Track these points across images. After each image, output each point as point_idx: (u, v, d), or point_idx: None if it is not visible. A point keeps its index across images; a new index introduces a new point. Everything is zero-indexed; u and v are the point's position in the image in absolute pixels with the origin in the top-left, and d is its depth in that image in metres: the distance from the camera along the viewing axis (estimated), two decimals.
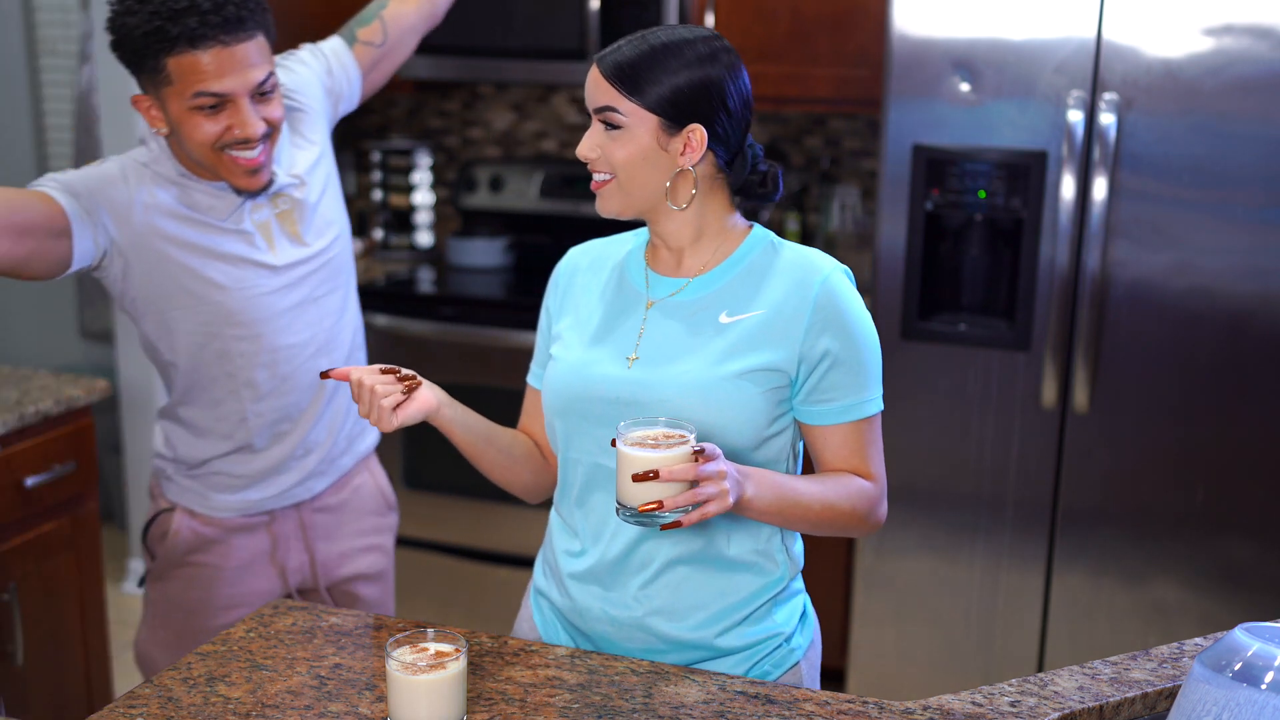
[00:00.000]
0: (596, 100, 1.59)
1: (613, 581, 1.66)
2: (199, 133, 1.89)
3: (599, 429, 1.63)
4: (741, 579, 1.65)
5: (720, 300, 1.64)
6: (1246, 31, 2.67)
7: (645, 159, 1.59)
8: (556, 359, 1.70)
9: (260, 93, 1.90)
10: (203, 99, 1.87)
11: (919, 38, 2.87)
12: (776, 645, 1.70)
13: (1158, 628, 2.93)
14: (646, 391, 1.60)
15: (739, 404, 1.58)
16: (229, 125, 1.89)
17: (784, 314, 1.60)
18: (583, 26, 3.50)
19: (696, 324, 1.63)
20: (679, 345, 1.62)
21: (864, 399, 1.63)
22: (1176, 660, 1.66)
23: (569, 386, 1.66)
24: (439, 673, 1.44)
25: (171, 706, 1.52)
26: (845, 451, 1.64)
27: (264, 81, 1.90)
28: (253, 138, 1.89)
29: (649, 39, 1.59)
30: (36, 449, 2.65)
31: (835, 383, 1.61)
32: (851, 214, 3.78)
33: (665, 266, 1.69)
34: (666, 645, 1.66)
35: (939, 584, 3.07)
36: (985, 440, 2.96)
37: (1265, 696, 1.16)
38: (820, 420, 1.63)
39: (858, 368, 1.61)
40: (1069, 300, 2.86)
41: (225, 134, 1.89)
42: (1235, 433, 2.82)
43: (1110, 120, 2.75)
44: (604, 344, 1.66)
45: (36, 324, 4.76)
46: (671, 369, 1.61)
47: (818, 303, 1.59)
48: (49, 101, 4.63)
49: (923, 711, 1.54)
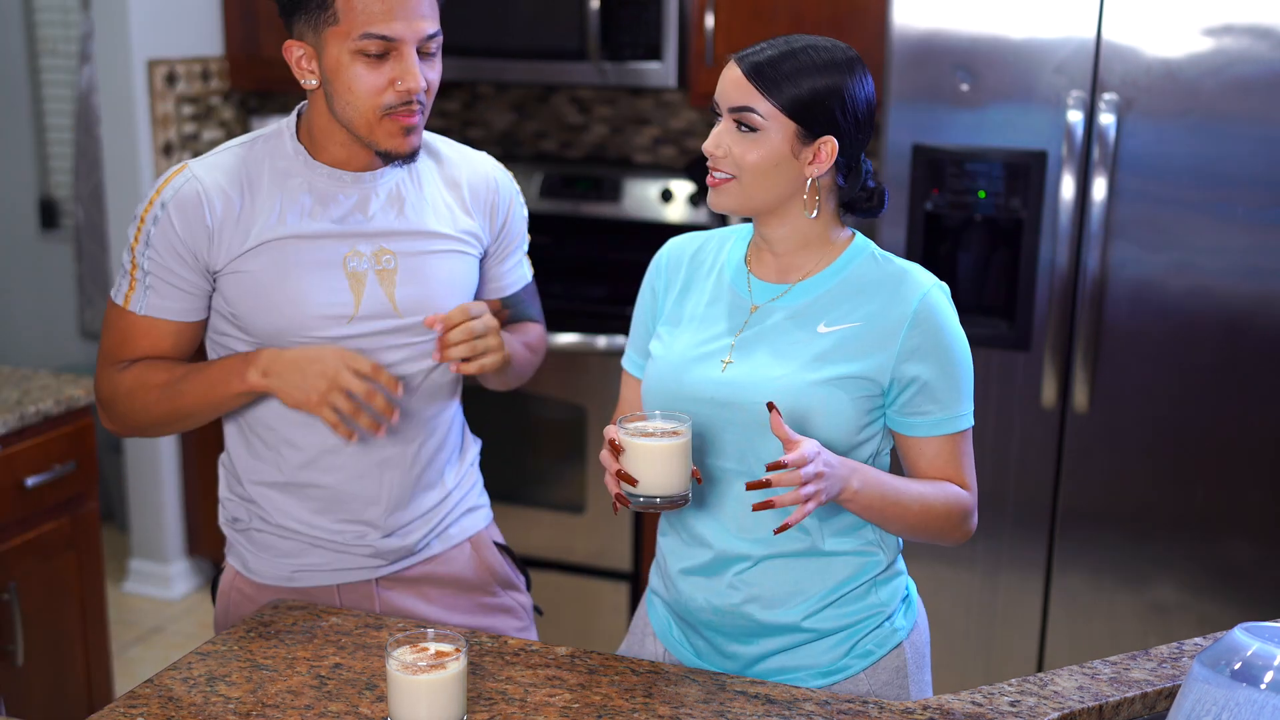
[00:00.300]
0: (733, 99, 1.60)
1: (713, 571, 1.69)
2: (362, 84, 1.70)
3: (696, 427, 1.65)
4: (839, 564, 1.68)
5: (819, 309, 1.65)
6: (1246, 31, 2.67)
7: (776, 165, 1.60)
8: (655, 357, 1.73)
9: (427, 49, 1.73)
10: (369, 42, 1.68)
11: (919, 38, 2.87)
12: (877, 624, 1.71)
13: (1157, 628, 2.93)
14: (739, 393, 1.63)
15: (829, 410, 1.61)
16: (392, 79, 1.70)
17: (879, 328, 1.62)
18: (583, 26, 3.50)
19: (794, 331, 1.65)
20: (775, 351, 1.64)
21: (956, 414, 1.66)
22: (1176, 660, 1.66)
23: (665, 386, 1.69)
24: (439, 673, 1.44)
25: (171, 706, 1.52)
26: (939, 463, 1.67)
27: (432, 36, 1.72)
28: (415, 91, 1.71)
29: (790, 42, 1.60)
30: (37, 449, 2.65)
31: (927, 400, 1.64)
32: None
33: (767, 271, 1.70)
34: (761, 629, 1.68)
35: (939, 584, 3.07)
36: (985, 440, 2.96)
37: (1265, 696, 1.16)
38: (913, 432, 1.66)
39: (950, 387, 1.64)
40: (1069, 300, 2.86)
41: (387, 89, 1.71)
42: (1235, 433, 2.82)
43: (1110, 120, 2.75)
44: (702, 344, 1.69)
45: (36, 324, 4.76)
46: (765, 373, 1.63)
47: (914, 322, 1.62)
48: (49, 101, 4.63)
49: (923, 711, 1.54)
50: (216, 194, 1.76)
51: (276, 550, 1.90)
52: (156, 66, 3.76)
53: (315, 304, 1.78)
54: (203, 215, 1.76)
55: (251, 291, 1.78)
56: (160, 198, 1.77)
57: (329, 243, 1.79)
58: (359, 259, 1.80)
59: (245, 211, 1.77)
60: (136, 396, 1.80)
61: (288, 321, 1.78)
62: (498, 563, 2.05)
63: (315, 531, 1.88)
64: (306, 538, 1.88)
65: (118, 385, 1.82)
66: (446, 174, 1.91)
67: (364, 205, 1.82)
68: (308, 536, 1.88)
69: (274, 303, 1.78)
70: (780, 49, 1.59)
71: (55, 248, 4.69)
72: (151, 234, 1.76)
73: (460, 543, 2.01)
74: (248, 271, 1.78)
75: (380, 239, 1.82)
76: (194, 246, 1.76)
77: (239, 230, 1.77)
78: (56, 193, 4.71)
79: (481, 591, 2.03)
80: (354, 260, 1.80)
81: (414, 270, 1.83)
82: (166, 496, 3.95)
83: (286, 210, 1.79)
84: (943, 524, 1.65)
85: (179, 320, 1.80)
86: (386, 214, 1.83)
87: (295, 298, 1.77)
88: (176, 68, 3.84)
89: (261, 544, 1.91)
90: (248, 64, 3.99)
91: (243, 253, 1.77)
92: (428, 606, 1.96)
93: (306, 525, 1.88)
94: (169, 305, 1.79)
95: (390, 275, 1.82)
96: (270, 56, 3.96)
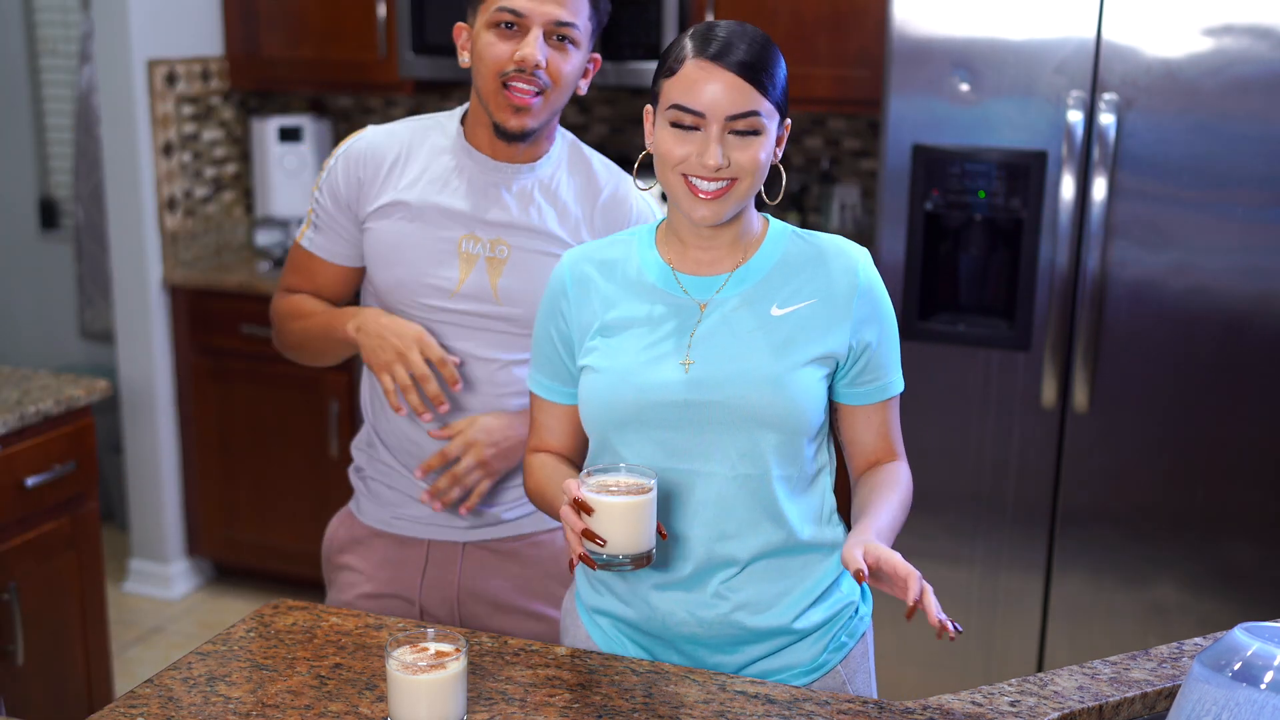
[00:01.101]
0: (738, 105, 1.55)
1: (694, 584, 1.65)
2: (489, 51, 1.87)
3: (662, 432, 1.62)
4: (813, 559, 1.68)
5: (767, 292, 1.64)
6: (1246, 31, 2.67)
7: (768, 158, 1.60)
8: (597, 369, 1.65)
9: (559, 36, 1.87)
10: (502, 14, 1.85)
11: (919, 38, 2.87)
12: (849, 616, 1.72)
13: (1157, 628, 2.93)
14: (712, 391, 1.60)
15: (810, 393, 1.61)
16: (513, 50, 1.86)
17: (832, 302, 1.63)
18: None
19: (747, 320, 1.63)
20: (735, 342, 1.62)
21: (893, 379, 1.69)
22: (1176, 660, 1.66)
23: (621, 394, 1.62)
24: (439, 673, 1.44)
25: (171, 706, 1.52)
26: (882, 431, 1.70)
27: (565, 25, 1.87)
28: (529, 60, 1.85)
29: (746, 32, 1.58)
30: (37, 449, 2.65)
31: (873, 366, 1.66)
32: (851, 214, 3.77)
33: (698, 266, 1.67)
34: (750, 636, 1.66)
35: (939, 584, 3.05)
36: (985, 440, 2.96)
37: (1265, 696, 1.16)
38: (860, 401, 1.68)
39: (889, 352, 1.68)
40: (1069, 300, 2.86)
41: (508, 60, 1.86)
42: (1234, 432, 2.82)
43: (1110, 120, 2.75)
44: (651, 348, 1.63)
45: (36, 324, 4.76)
46: (734, 366, 1.60)
47: (861, 291, 1.64)
48: (49, 101, 4.63)
49: (923, 711, 1.54)
50: (375, 153, 1.99)
51: (381, 498, 2.09)
52: (156, 66, 3.76)
53: (422, 271, 1.96)
54: (362, 168, 1.99)
55: (376, 246, 1.98)
56: (337, 151, 2.02)
57: (451, 220, 1.96)
58: (474, 243, 1.96)
59: (395, 173, 1.98)
60: (284, 323, 2.09)
61: (397, 282, 1.97)
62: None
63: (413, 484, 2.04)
64: (404, 491, 2.06)
65: (277, 308, 2.11)
66: (585, 187, 2.03)
67: (497, 194, 1.97)
68: (405, 490, 2.06)
69: (391, 260, 1.97)
70: (746, 41, 1.56)
71: (55, 248, 4.69)
72: (324, 182, 2.02)
73: (555, 530, 2.10)
74: (378, 226, 1.98)
75: (501, 229, 1.96)
76: (349, 195, 1.99)
77: (383, 187, 1.98)
78: (56, 193, 4.71)
79: (560, 583, 2.11)
80: (469, 243, 1.96)
81: (524, 265, 1.96)
82: (166, 496, 3.95)
83: (428, 181, 1.97)
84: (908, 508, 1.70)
85: (334, 262, 2.04)
86: (514, 208, 1.97)
87: (407, 260, 1.96)
88: (176, 68, 3.84)
89: (374, 491, 2.10)
90: (248, 64, 3.99)
91: (379, 207, 1.98)
92: (503, 582, 2.08)
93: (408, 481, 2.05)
94: (328, 246, 2.03)
95: (500, 264, 1.97)
96: (270, 56, 3.96)
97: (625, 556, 1.53)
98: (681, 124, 1.57)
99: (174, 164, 3.87)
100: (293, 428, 3.81)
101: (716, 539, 1.63)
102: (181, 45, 3.86)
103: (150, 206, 3.81)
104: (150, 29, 3.74)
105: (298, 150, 4.06)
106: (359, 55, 3.84)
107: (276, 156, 4.05)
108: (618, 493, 1.52)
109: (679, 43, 1.59)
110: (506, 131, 1.91)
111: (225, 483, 3.97)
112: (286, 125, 4.06)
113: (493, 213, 1.96)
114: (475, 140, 1.97)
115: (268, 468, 3.90)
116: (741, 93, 1.54)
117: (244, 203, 4.24)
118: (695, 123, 1.56)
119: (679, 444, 1.62)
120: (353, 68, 3.84)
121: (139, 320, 3.86)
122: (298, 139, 4.06)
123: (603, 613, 1.73)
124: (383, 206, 1.97)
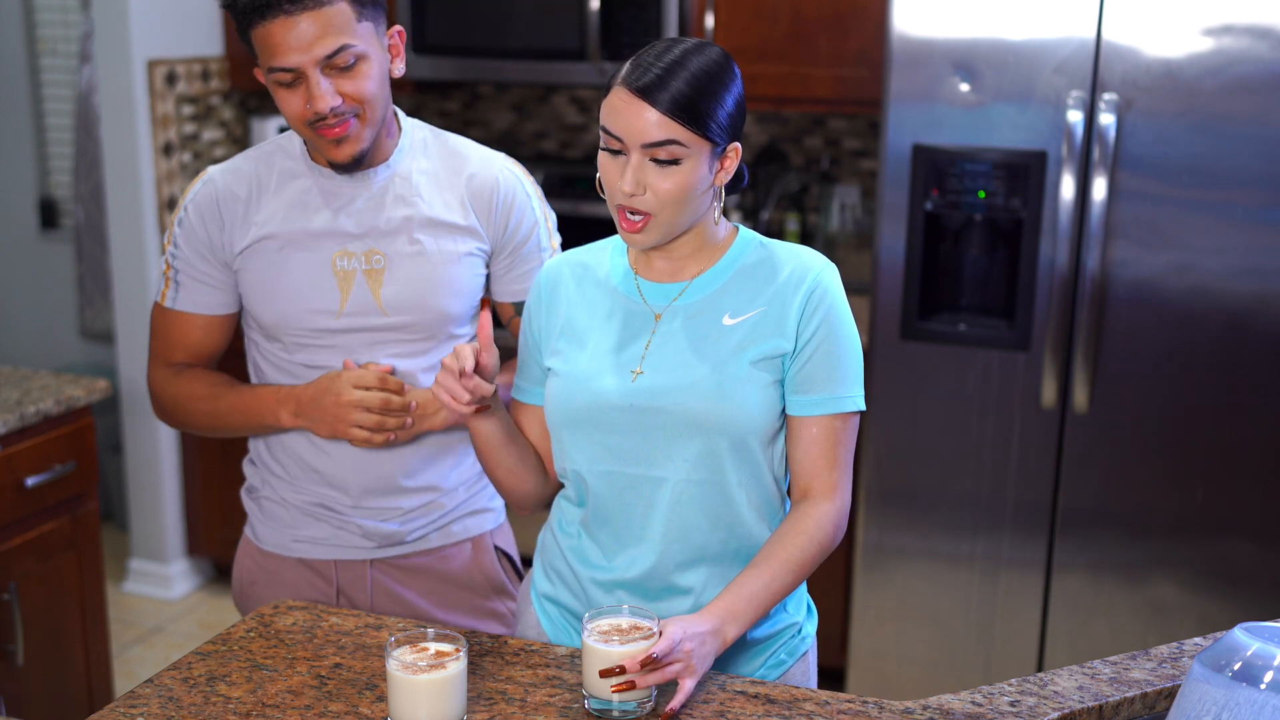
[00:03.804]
0: (652, 135, 1.53)
1: (639, 587, 1.68)
2: (286, 107, 1.80)
3: (610, 436, 1.65)
4: None
5: (720, 303, 1.65)
6: (1246, 31, 2.67)
7: (696, 187, 1.58)
8: (557, 372, 1.70)
9: (337, 65, 1.77)
10: (276, 74, 1.78)
11: (919, 38, 2.87)
12: (791, 635, 1.73)
13: (1157, 628, 2.93)
14: (656, 398, 1.62)
15: (755, 396, 1.61)
16: (304, 101, 1.78)
17: (778, 309, 1.63)
18: (583, 26, 3.50)
19: (701, 329, 1.64)
20: (686, 352, 1.64)
21: (840, 395, 1.64)
22: (1176, 660, 1.66)
23: (575, 397, 1.66)
24: (439, 673, 1.44)
25: (171, 706, 1.52)
26: (814, 450, 1.65)
27: (336, 53, 1.75)
28: (322, 111, 1.77)
29: (685, 64, 1.54)
30: (37, 449, 2.65)
31: (815, 372, 1.63)
32: (851, 214, 3.77)
33: (659, 274, 1.69)
34: None
35: (939, 584, 3.07)
36: (985, 440, 2.96)
37: (1265, 696, 1.16)
38: (799, 410, 1.64)
39: (836, 360, 1.63)
40: (1069, 300, 2.86)
41: (307, 112, 1.79)
42: (1235, 433, 2.82)
43: (1110, 120, 2.75)
44: (606, 355, 1.67)
45: (36, 324, 4.76)
46: (682, 375, 1.62)
47: (806, 298, 1.63)
48: (49, 101, 4.63)
49: (923, 711, 1.54)
50: (228, 194, 1.92)
51: (280, 520, 2.02)
52: (156, 66, 3.76)
53: (303, 298, 1.90)
54: (217, 213, 1.91)
55: (252, 284, 1.92)
56: (184, 202, 1.95)
57: (319, 241, 1.90)
58: (348, 259, 1.90)
59: (252, 209, 1.91)
60: (181, 406, 1.98)
61: (281, 314, 1.91)
62: (493, 567, 2.09)
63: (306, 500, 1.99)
64: (300, 509, 1.99)
65: (165, 389, 1.99)
66: (446, 173, 1.94)
67: (359, 205, 1.90)
68: (300, 507, 1.99)
69: (269, 295, 1.91)
70: (680, 75, 1.53)
71: (55, 248, 4.69)
72: (178, 236, 1.95)
73: (462, 541, 2.05)
74: (250, 265, 1.92)
75: (371, 239, 1.90)
76: (211, 241, 1.92)
77: (245, 226, 1.91)
78: (56, 193, 4.71)
79: (473, 593, 2.07)
80: (343, 260, 1.90)
81: (403, 271, 1.90)
82: (166, 496, 3.95)
83: (287, 209, 1.91)
84: (818, 559, 1.65)
85: (209, 314, 1.96)
86: (380, 213, 1.90)
87: (285, 292, 1.90)
88: (176, 68, 3.84)
89: (268, 512, 2.03)
90: (248, 64, 3.99)
91: (246, 246, 1.91)
92: (416, 598, 2.02)
93: (300, 494, 1.99)
94: (198, 299, 1.95)
95: (378, 275, 1.90)
96: None
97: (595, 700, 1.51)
98: (609, 147, 1.58)
99: (174, 164, 3.87)
100: None
101: (667, 543, 1.65)
102: (181, 45, 3.86)
103: (150, 206, 3.81)
104: (150, 29, 3.74)
105: None
106: None
107: None
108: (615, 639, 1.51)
109: (625, 63, 1.59)
110: (342, 165, 1.86)
111: (225, 483, 3.96)
112: (286, 125, 4.06)
113: (358, 222, 1.89)
114: (319, 158, 1.91)
115: None
116: (660, 125, 1.53)
117: None
118: (619, 147, 1.56)
119: (628, 449, 1.65)
120: None
121: (139, 320, 3.86)
122: None
123: (553, 601, 1.78)
124: (251, 245, 1.90)
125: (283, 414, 1.90)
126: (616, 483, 1.66)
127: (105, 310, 4.43)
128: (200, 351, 1.99)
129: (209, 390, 1.96)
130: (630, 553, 1.68)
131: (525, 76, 3.65)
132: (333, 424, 1.87)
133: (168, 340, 1.98)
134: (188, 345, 1.98)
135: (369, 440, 1.86)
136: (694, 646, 1.51)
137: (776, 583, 1.61)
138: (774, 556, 1.62)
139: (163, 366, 1.99)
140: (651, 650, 1.47)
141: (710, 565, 1.67)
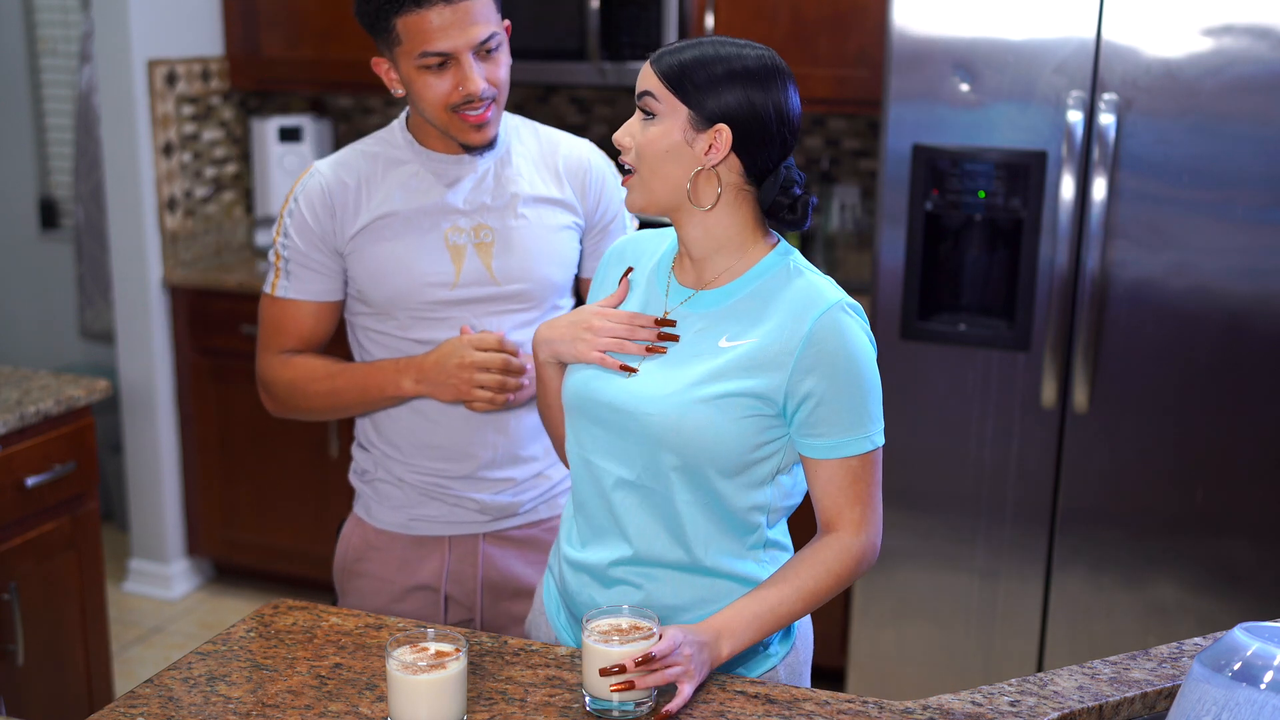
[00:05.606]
0: (639, 86, 1.61)
1: (607, 573, 1.69)
2: (431, 92, 1.91)
3: (594, 427, 1.67)
4: (722, 587, 1.66)
5: (724, 322, 1.63)
6: (1246, 31, 2.67)
7: (669, 151, 1.58)
8: None
9: (485, 50, 1.91)
10: (428, 59, 1.89)
11: (919, 38, 2.87)
12: (755, 651, 1.70)
13: (1157, 628, 2.93)
14: (636, 403, 1.62)
15: (720, 426, 1.58)
16: (455, 84, 1.91)
17: (775, 345, 1.59)
18: (583, 26, 3.50)
19: (697, 345, 1.64)
20: (673, 362, 1.64)
21: (853, 438, 1.61)
22: (1176, 660, 1.66)
23: (579, 384, 1.69)
24: (439, 673, 1.44)
25: (171, 706, 1.53)
26: (832, 489, 1.63)
27: (487, 39, 1.90)
28: (475, 93, 1.90)
29: (705, 42, 1.60)
30: (37, 449, 2.65)
31: (823, 419, 1.59)
32: (851, 214, 3.77)
33: (685, 275, 1.69)
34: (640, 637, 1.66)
35: (938, 584, 3.07)
36: (985, 440, 2.96)
37: (1265, 696, 1.16)
38: (811, 453, 1.62)
39: (846, 408, 1.59)
40: (1068, 300, 2.86)
41: (453, 94, 1.91)
42: (1234, 433, 2.82)
43: (1110, 120, 2.75)
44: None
45: (36, 324, 4.76)
46: (662, 384, 1.62)
47: (810, 338, 1.57)
48: (49, 101, 4.63)
49: (923, 711, 1.54)
50: (336, 184, 2.01)
51: (392, 500, 2.10)
52: (156, 66, 3.76)
53: (419, 273, 1.99)
54: (328, 203, 2.00)
55: (367, 264, 2.00)
56: (293, 194, 2.03)
57: (431, 218, 2.00)
58: (458, 233, 2.01)
59: (363, 196, 2.01)
60: (298, 389, 2.05)
61: (396, 290, 2.00)
62: None
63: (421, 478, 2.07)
64: (416, 487, 2.08)
65: (279, 375, 2.07)
66: (542, 154, 2.09)
67: (465, 184, 2.02)
68: (416, 485, 2.07)
69: (385, 273, 2.00)
70: (693, 48, 1.59)
71: (55, 248, 4.69)
72: (288, 226, 2.03)
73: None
74: (364, 247, 2.00)
75: (480, 215, 2.02)
76: (322, 229, 2.01)
77: (356, 212, 2.01)
78: (56, 193, 4.71)
79: None
80: (454, 235, 2.01)
81: (509, 243, 2.02)
82: (166, 496, 3.96)
83: (400, 191, 2.01)
84: (835, 590, 1.64)
85: (317, 300, 2.04)
86: (485, 192, 2.03)
87: (402, 268, 1.99)
88: (176, 68, 3.84)
89: (381, 493, 2.11)
90: (248, 64, 3.99)
91: (359, 230, 2.00)
92: (523, 568, 2.13)
93: (416, 473, 2.07)
94: (310, 287, 2.03)
95: (488, 248, 2.02)
96: (270, 56, 3.96)
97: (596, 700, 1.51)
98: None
99: (174, 164, 3.87)
100: (293, 427, 3.80)
101: (636, 543, 1.66)
102: (181, 45, 3.86)
103: (150, 206, 3.82)
104: (150, 29, 3.74)
105: (298, 150, 4.06)
106: (359, 55, 3.83)
107: (276, 156, 4.05)
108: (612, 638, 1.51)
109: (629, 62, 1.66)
110: (474, 147, 1.98)
111: (225, 483, 3.97)
112: (286, 125, 4.06)
113: (467, 200, 2.01)
114: (429, 144, 2.02)
115: (268, 468, 3.90)
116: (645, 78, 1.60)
117: (244, 203, 4.24)
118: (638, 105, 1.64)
119: (601, 441, 1.67)
120: (353, 67, 3.83)
121: (139, 320, 3.86)
122: (298, 139, 4.06)
123: (551, 571, 1.82)
124: (365, 227, 2.00)
125: (404, 382, 1.98)
126: (592, 472, 1.68)
127: (105, 310, 4.43)
128: (310, 338, 2.07)
129: (325, 370, 2.04)
130: (603, 543, 1.69)
131: (525, 76, 3.64)
132: (457, 386, 1.95)
133: (280, 329, 2.06)
134: (300, 333, 2.05)
135: (491, 402, 1.95)
136: (693, 652, 1.52)
137: (784, 607, 1.60)
138: (786, 581, 1.61)
139: (274, 354, 2.07)
140: (652, 649, 1.48)
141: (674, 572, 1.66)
